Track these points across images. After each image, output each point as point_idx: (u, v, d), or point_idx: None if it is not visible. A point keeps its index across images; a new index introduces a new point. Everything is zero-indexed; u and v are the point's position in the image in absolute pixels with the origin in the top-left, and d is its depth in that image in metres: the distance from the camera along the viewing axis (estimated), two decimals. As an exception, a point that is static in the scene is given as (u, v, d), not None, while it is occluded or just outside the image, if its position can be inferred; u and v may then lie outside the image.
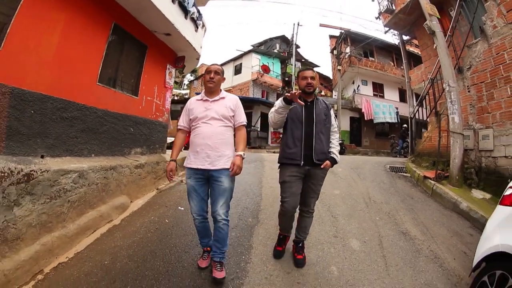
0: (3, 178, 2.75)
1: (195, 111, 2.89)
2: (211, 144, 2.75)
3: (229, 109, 2.89)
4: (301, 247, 3.23)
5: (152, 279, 2.83)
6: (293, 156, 2.95)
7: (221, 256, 2.82)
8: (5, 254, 2.79)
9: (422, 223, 4.57)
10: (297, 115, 3.01)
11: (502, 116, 6.38)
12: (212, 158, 2.74)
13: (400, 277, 3.12)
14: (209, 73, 2.90)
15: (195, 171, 2.79)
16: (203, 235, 2.99)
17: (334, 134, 3.17)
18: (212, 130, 2.79)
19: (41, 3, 3.44)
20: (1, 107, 3.00)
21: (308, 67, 3.08)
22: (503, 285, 2.43)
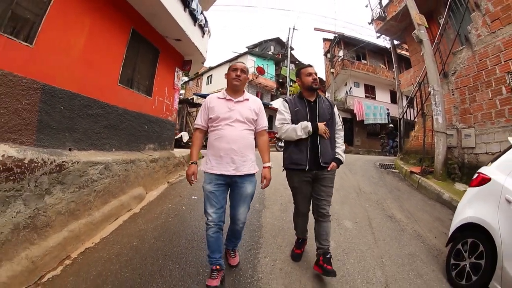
0: (36, 168, 2.92)
1: (217, 110, 2.62)
2: (236, 148, 2.53)
3: (253, 112, 2.70)
4: (329, 259, 2.79)
5: (180, 253, 3.16)
6: (299, 161, 2.80)
7: (234, 245, 2.88)
8: (33, 241, 2.91)
9: (407, 210, 4.97)
10: (302, 117, 2.83)
11: (483, 116, 6.74)
12: (237, 164, 2.54)
13: (387, 248, 3.57)
14: (235, 70, 2.67)
15: (217, 176, 2.55)
16: (214, 249, 2.60)
17: (339, 132, 3.01)
18: (237, 134, 2.57)
19: (69, 6, 3.65)
20: (32, 102, 3.18)
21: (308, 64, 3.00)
22: (475, 251, 2.85)
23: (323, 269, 2.70)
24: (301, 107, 2.87)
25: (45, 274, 2.85)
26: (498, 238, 2.59)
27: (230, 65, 2.81)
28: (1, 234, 2.55)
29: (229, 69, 2.74)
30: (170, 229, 3.71)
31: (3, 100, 2.84)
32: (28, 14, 3.20)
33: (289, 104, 2.92)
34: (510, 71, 5.99)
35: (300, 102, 2.91)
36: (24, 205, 2.80)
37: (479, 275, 2.71)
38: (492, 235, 2.67)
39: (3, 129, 2.87)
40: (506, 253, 2.48)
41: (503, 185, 2.78)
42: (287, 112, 2.87)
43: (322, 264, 2.75)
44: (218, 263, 2.57)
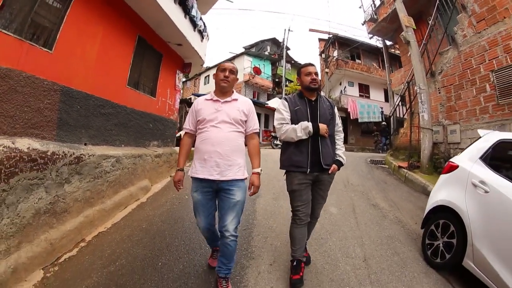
0: (57, 160, 3.25)
1: (204, 112, 2.46)
2: (221, 151, 2.33)
3: (241, 112, 2.49)
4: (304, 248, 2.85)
5: (185, 233, 3.55)
6: (300, 163, 2.63)
7: (226, 272, 2.46)
8: (52, 225, 3.20)
9: (391, 200, 5.31)
10: (302, 116, 2.66)
11: (468, 113, 7.07)
12: (221, 168, 2.33)
13: (368, 230, 3.92)
14: (223, 71, 2.51)
15: (202, 183, 2.38)
16: (211, 240, 2.68)
17: (339, 134, 2.89)
18: (222, 136, 2.36)
19: (83, 15, 3.97)
20: (53, 102, 3.52)
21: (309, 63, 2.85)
22: (446, 231, 3.17)
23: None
24: (301, 106, 2.70)
25: (62, 255, 3.13)
26: (466, 219, 2.88)
27: (219, 64, 2.66)
28: (23, 218, 2.85)
29: (217, 69, 2.58)
30: (174, 214, 4.07)
31: (27, 100, 3.18)
32: (47, 23, 3.51)
33: (289, 103, 2.75)
34: (494, 69, 6.27)
35: (300, 101, 2.74)
36: (46, 192, 3.12)
37: (452, 253, 2.99)
38: (461, 216, 2.96)
39: (27, 125, 3.20)
40: (475, 232, 2.75)
41: (469, 171, 3.10)
42: (286, 112, 2.71)
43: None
44: (217, 245, 2.63)
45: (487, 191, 2.79)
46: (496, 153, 3.07)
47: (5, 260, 2.61)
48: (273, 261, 3.03)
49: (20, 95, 3.11)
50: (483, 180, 2.88)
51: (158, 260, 2.95)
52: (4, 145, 2.71)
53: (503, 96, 6.10)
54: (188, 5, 5.93)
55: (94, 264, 2.96)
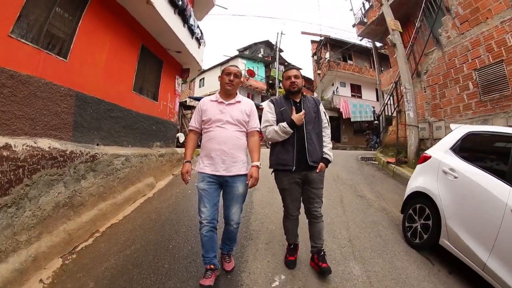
0: (75, 158, 3.57)
1: (209, 112, 2.64)
2: (226, 149, 2.53)
3: (244, 113, 2.68)
4: (323, 256, 2.86)
5: (190, 221, 3.91)
6: (286, 161, 2.72)
7: (229, 249, 2.76)
8: (70, 217, 3.49)
9: (378, 192, 5.68)
10: (287, 117, 2.73)
11: (452, 110, 7.47)
12: (227, 164, 2.54)
13: (353, 217, 4.30)
14: (229, 75, 2.65)
15: (209, 175, 2.56)
16: (208, 249, 2.54)
17: (325, 130, 2.91)
18: (227, 135, 2.56)
19: (93, 27, 4.31)
20: (69, 106, 3.86)
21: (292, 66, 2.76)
22: (423, 214, 3.54)
23: (319, 267, 2.78)
24: (287, 107, 2.80)
25: (79, 244, 3.42)
26: (439, 202, 3.26)
27: (224, 68, 2.77)
28: (44, 210, 3.13)
29: (222, 72, 2.72)
30: (180, 206, 4.43)
31: (46, 104, 3.51)
32: (61, 33, 3.84)
33: (275, 105, 2.87)
34: (477, 68, 6.61)
35: (286, 103, 2.85)
36: (65, 187, 3.43)
37: (428, 234, 3.36)
38: (434, 200, 3.35)
39: (47, 127, 3.53)
40: (447, 213, 3.12)
41: (440, 160, 3.49)
42: (271, 113, 2.83)
43: (317, 262, 2.83)
44: (212, 262, 2.53)
45: (456, 177, 3.17)
46: (465, 143, 3.44)
47: (26, 250, 2.86)
48: (269, 241, 3.42)
49: (40, 99, 3.42)
50: (453, 168, 3.26)
51: (169, 243, 3.32)
52: (27, 144, 2.99)
53: (486, 93, 6.42)
54: (187, 14, 6.31)
55: (110, 250, 3.28)
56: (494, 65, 6.22)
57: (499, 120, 6.13)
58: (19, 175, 2.86)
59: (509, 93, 5.84)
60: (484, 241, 2.70)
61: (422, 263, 3.22)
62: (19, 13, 3.23)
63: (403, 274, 2.97)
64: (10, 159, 2.76)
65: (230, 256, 2.81)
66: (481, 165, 3.05)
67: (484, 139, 3.38)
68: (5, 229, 2.73)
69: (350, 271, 2.93)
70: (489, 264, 2.58)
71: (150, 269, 2.85)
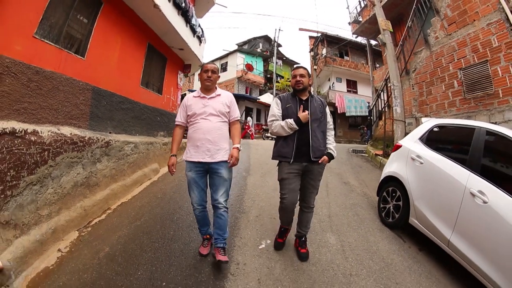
0: (92, 143, 4.05)
1: (194, 107, 2.84)
2: (210, 138, 2.74)
3: (225, 105, 2.87)
4: (304, 241, 3.11)
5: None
6: (285, 154, 2.86)
7: (223, 243, 2.82)
8: (86, 195, 3.94)
9: (362, 180, 6.14)
10: (292, 113, 2.86)
11: (438, 107, 7.86)
12: (211, 152, 2.73)
13: (335, 199, 4.78)
14: (207, 72, 2.85)
15: (196, 164, 2.77)
16: (203, 224, 2.95)
17: (330, 131, 3.05)
18: (211, 126, 2.77)
19: (107, 28, 4.73)
20: (86, 98, 4.30)
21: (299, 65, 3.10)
22: (394, 196, 4.01)
23: (298, 252, 3.06)
24: (292, 104, 2.90)
25: (93, 219, 3.84)
26: (407, 185, 3.73)
27: (202, 66, 2.98)
28: (64, 188, 3.55)
29: (201, 70, 2.93)
30: (182, 187, 4.89)
31: (67, 97, 3.94)
32: (79, 35, 4.26)
33: (282, 101, 2.97)
34: (462, 67, 6.90)
35: (292, 100, 2.94)
36: (83, 168, 3.90)
37: (399, 213, 3.82)
38: (403, 183, 3.81)
39: (67, 116, 3.96)
40: (415, 195, 3.58)
41: (409, 149, 3.97)
42: (278, 109, 2.94)
43: (297, 246, 3.11)
44: (207, 232, 2.96)
45: (422, 163, 3.64)
46: (432, 134, 3.89)
47: (47, 223, 3.22)
48: (259, 214, 3.95)
49: (62, 93, 3.84)
50: (419, 155, 3.72)
51: (173, 216, 3.84)
52: (52, 131, 3.42)
53: (470, 91, 6.72)
54: (189, 15, 6.74)
55: (122, 223, 3.77)
56: (478, 65, 6.46)
57: (481, 117, 6.38)
58: (44, 157, 3.26)
59: (492, 92, 6.09)
60: (447, 220, 3.06)
61: (394, 240, 3.64)
62: (42, 16, 3.56)
63: (375, 246, 3.41)
64: (37, 143, 3.17)
65: (224, 250, 2.84)
66: (445, 153, 3.48)
67: (449, 131, 3.84)
68: (29, 204, 3.08)
69: (326, 240, 3.43)
70: (452, 241, 2.92)
71: (158, 235, 3.36)
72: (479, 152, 3.08)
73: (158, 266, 2.81)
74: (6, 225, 2.81)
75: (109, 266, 2.84)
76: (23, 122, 3.20)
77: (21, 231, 2.95)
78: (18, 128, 2.98)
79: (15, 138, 2.92)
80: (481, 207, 2.71)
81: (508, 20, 5.75)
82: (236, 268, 2.82)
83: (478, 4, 6.59)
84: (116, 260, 2.93)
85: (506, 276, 2.41)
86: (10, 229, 2.85)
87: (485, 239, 2.67)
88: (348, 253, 3.22)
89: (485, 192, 2.73)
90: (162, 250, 3.08)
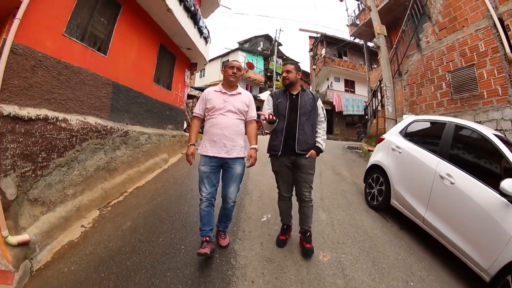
0: (113, 132, 4.52)
1: (214, 101, 2.84)
2: (227, 134, 2.75)
3: (244, 104, 2.90)
4: (308, 237, 3.10)
5: None
6: (274, 147, 2.94)
7: (225, 226, 2.99)
8: (106, 178, 4.38)
9: (354, 171, 6.66)
10: (282, 108, 2.94)
11: (427, 106, 8.25)
12: (228, 147, 2.75)
13: (328, 186, 5.27)
14: (232, 68, 2.87)
15: (211, 158, 2.76)
16: (205, 222, 2.79)
17: (321, 124, 3.03)
18: (228, 122, 2.78)
19: (126, 29, 5.15)
20: (108, 92, 4.72)
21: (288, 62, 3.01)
22: (378, 181, 4.53)
23: (302, 247, 3.08)
24: (283, 99, 2.97)
25: (112, 200, 4.29)
26: (388, 171, 4.27)
27: (227, 62, 3.01)
28: (88, 171, 3.97)
29: (226, 67, 2.95)
30: (192, 173, 5.40)
31: (92, 90, 4.35)
32: (102, 35, 4.67)
33: (273, 97, 3.06)
34: (450, 70, 7.26)
35: (283, 95, 3.01)
36: (104, 154, 4.35)
37: (382, 197, 4.36)
38: (385, 170, 4.35)
39: (92, 108, 4.37)
40: (394, 180, 4.13)
41: (390, 141, 4.50)
42: (268, 106, 3.03)
43: (302, 241, 3.12)
44: (207, 235, 2.77)
45: (400, 152, 4.17)
46: (410, 128, 4.42)
47: (71, 202, 3.58)
48: (261, 195, 4.48)
49: (87, 86, 4.23)
50: (398, 146, 4.26)
51: (186, 196, 4.36)
52: (79, 119, 3.85)
53: (456, 93, 7.08)
54: (197, 18, 7.23)
55: (140, 202, 4.25)
56: (466, 68, 6.76)
57: (467, 117, 6.69)
58: (72, 142, 3.68)
59: (478, 93, 6.40)
60: (421, 200, 3.59)
61: (378, 219, 4.16)
62: (69, 16, 3.87)
63: (360, 223, 3.92)
64: (67, 129, 3.57)
65: (226, 233, 3.06)
66: (420, 144, 4.03)
67: (424, 125, 4.36)
68: (57, 184, 3.42)
69: (318, 216, 3.93)
70: (427, 217, 3.44)
71: (174, 210, 3.88)
72: (448, 142, 3.61)
73: (176, 234, 3.31)
74: (35, 202, 3.11)
75: (132, 236, 3.30)
76: (53, 111, 3.49)
77: (48, 208, 3.27)
78: (50, 115, 3.33)
79: (47, 124, 3.28)
80: (449, 187, 3.24)
81: (495, 26, 6.04)
82: (243, 234, 3.35)
83: (468, 11, 6.89)
84: (138, 231, 3.40)
85: (470, 243, 2.92)
86: (38, 206, 3.15)
87: (453, 214, 3.18)
88: (336, 226, 3.73)
89: (452, 175, 3.25)
90: (179, 222, 3.59)
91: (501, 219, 2.67)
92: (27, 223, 2.94)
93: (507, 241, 2.56)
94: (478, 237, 2.89)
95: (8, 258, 2.56)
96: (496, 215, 2.73)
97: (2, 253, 2.58)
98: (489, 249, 2.73)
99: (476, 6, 6.61)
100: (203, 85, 21.65)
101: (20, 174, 2.93)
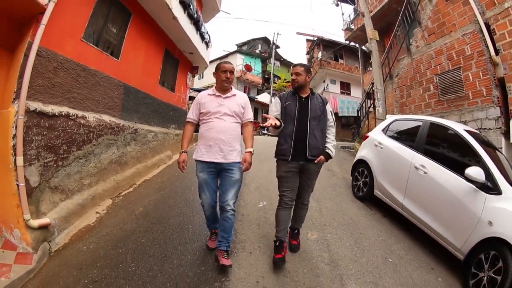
0: (125, 129, 4.97)
1: (208, 105, 2.74)
2: (224, 138, 2.65)
3: (240, 106, 2.79)
4: (296, 234, 3.18)
5: None
6: (283, 152, 2.80)
7: (227, 245, 2.72)
8: (118, 171, 4.80)
9: (345, 168, 7.05)
10: (291, 111, 2.81)
11: (416, 108, 8.66)
12: (224, 152, 2.65)
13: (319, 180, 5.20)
14: (225, 72, 2.74)
15: (208, 164, 2.68)
16: (212, 221, 2.94)
17: (330, 128, 2.95)
18: (225, 125, 2.68)
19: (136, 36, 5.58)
20: (120, 93, 5.12)
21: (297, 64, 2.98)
22: (363, 174, 4.99)
23: (288, 243, 3.12)
24: (291, 102, 2.84)
25: (122, 191, 4.75)
26: (372, 165, 4.76)
27: (219, 65, 2.84)
28: (102, 164, 4.39)
29: (218, 70, 2.79)
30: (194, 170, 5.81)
31: (106, 91, 4.74)
32: (114, 40, 5.08)
33: (281, 100, 2.91)
34: (438, 73, 7.62)
35: (292, 98, 2.88)
36: (117, 149, 4.79)
37: (367, 188, 4.82)
38: (369, 164, 4.82)
39: (106, 107, 4.75)
40: (377, 172, 4.62)
41: (374, 138, 5.00)
42: (276, 109, 2.89)
43: (289, 237, 3.17)
44: (215, 227, 2.92)
45: (382, 148, 4.67)
46: (391, 127, 4.91)
47: (87, 190, 3.96)
48: (258, 186, 4.98)
49: (102, 87, 4.60)
50: (380, 142, 4.75)
51: (191, 187, 4.82)
52: (95, 117, 4.26)
53: (443, 94, 7.43)
54: (199, 24, 7.72)
55: (149, 192, 4.73)
56: (452, 71, 7.04)
57: (453, 117, 6.97)
58: (90, 137, 4.08)
59: (463, 95, 6.67)
60: (399, 189, 4.06)
61: (363, 208, 4.62)
62: (87, 23, 4.20)
63: (346, 210, 4.40)
64: (85, 126, 3.98)
65: (228, 253, 2.75)
66: (399, 140, 4.54)
67: (403, 124, 4.85)
68: (75, 174, 3.78)
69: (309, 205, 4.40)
70: (405, 204, 3.91)
71: (181, 198, 4.37)
72: (423, 138, 4.10)
73: (184, 217, 3.79)
74: (55, 189, 3.41)
75: (145, 219, 3.76)
76: (73, 109, 3.79)
77: (66, 195, 3.59)
78: (71, 112, 3.69)
79: (69, 120, 3.63)
80: (423, 176, 3.72)
81: (481, 31, 6.26)
82: (242, 217, 3.84)
83: (456, 17, 7.16)
84: (150, 215, 3.87)
85: (444, 225, 3.34)
86: (58, 193, 3.45)
87: (427, 200, 3.66)
88: (324, 212, 4.22)
89: (426, 166, 3.74)
90: (186, 207, 4.08)
91: (470, 203, 3.05)
92: (47, 208, 3.24)
93: (476, 222, 2.90)
94: (450, 220, 3.27)
95: (27, 241, 2.82)
96: (465, 200, 3.11)
97: (22, 236, 2.85)
98: (461, 230, 3.08)
99: (464, 12, 6.82)
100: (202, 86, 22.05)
101: (43, 163, 3.23)
